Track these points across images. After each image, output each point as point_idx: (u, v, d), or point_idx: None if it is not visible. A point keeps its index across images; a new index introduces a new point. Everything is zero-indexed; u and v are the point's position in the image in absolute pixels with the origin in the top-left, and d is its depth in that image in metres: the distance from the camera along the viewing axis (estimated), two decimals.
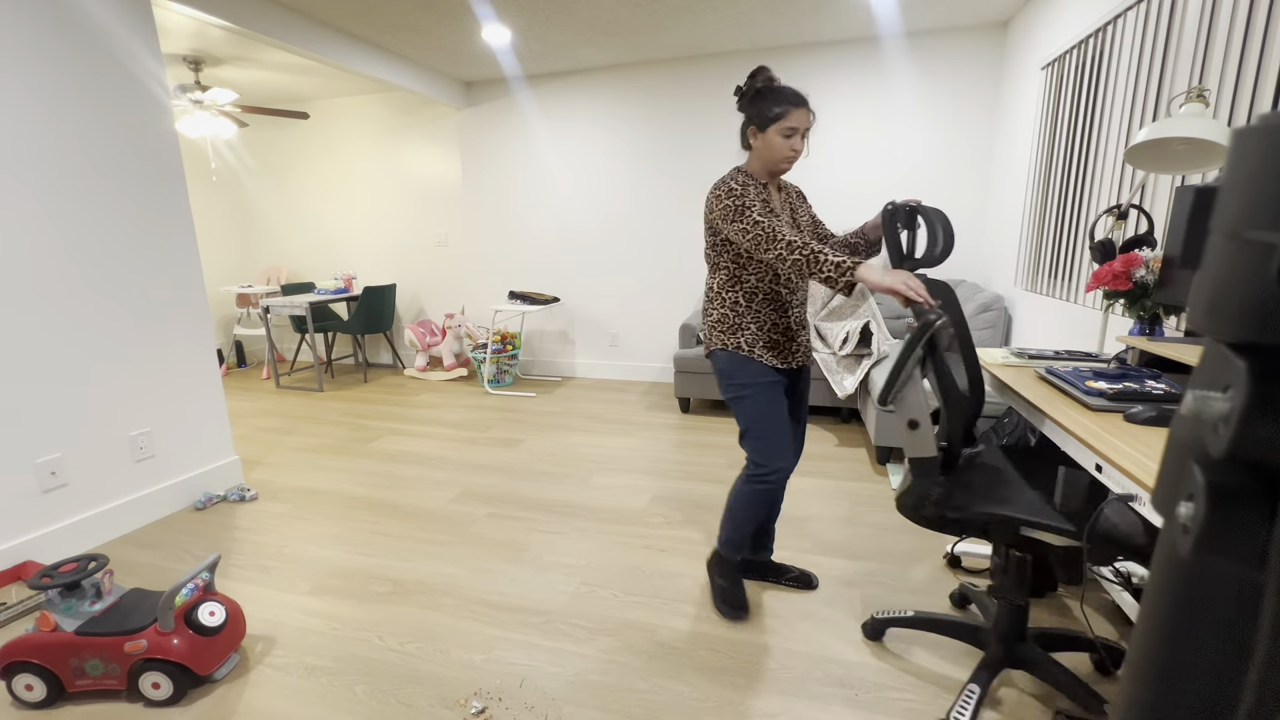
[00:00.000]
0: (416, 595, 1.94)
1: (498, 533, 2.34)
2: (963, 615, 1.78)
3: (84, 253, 2.24)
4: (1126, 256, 1.55)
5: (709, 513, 2.47)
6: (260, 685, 1.56)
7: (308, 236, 5.53)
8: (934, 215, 1.46)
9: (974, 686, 1.39)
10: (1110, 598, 1.83)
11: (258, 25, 2.94)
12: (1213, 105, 1.68)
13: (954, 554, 2.06)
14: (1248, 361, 0.25)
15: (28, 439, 2.10)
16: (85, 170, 2.23)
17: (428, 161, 4.99)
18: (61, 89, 2.14)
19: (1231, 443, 0.25)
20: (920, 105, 3.79)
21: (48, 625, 1.50)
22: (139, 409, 2.45)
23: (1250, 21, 1.56)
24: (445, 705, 1.48)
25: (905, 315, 3.80)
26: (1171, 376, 1.33)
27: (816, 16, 3.41)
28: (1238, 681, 0.26)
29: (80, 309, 2.23)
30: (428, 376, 4.96)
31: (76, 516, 2.25)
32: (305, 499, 2.68)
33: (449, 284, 5.20)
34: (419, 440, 3.43)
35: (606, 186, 4.55)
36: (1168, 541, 0.29)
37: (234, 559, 2.19)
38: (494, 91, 4.65)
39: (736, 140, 4.17)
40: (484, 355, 4.55)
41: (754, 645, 1.67)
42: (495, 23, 3.40)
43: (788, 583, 1.94)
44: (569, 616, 1.82)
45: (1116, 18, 2.28)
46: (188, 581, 1.53)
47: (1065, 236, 2.71)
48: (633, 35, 3.67)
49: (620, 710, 1.46)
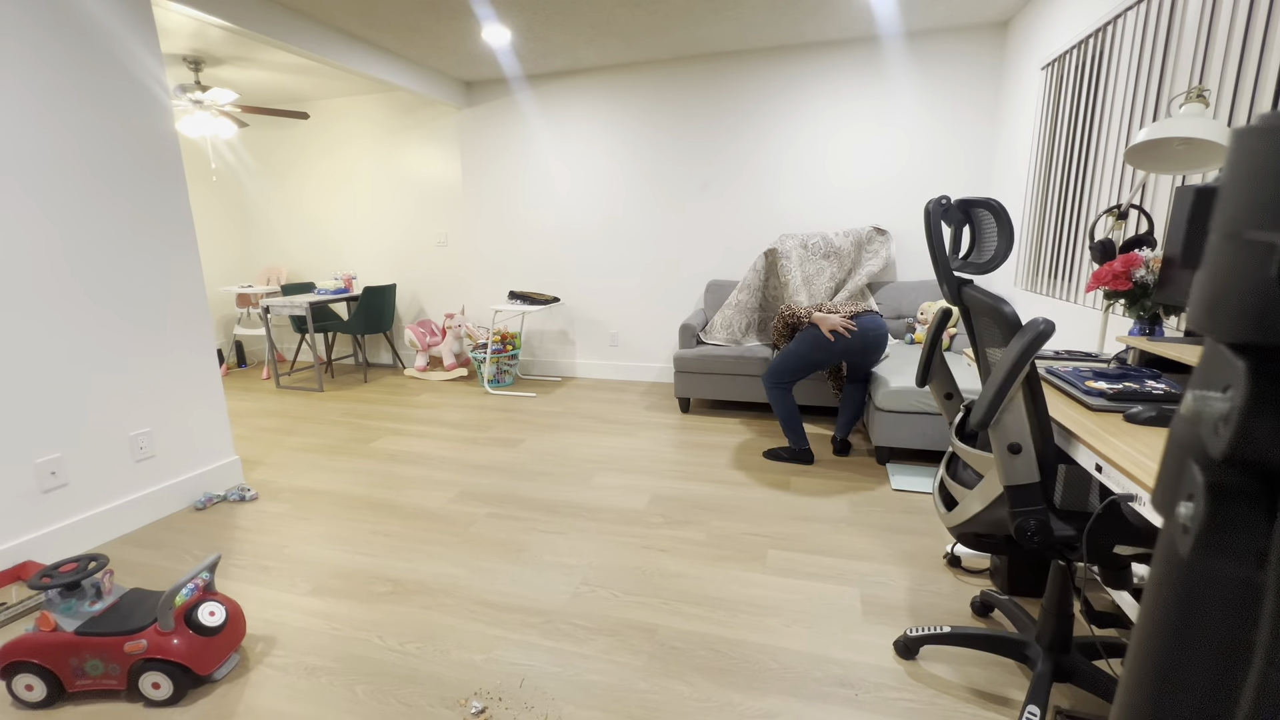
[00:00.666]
0: (416, 595, 1.94)
1: (498, 533, 2.34)
2: (994, 628, 1.72)
3: (84, 253, 2.24)
4: (1126, 256, 1.55)
5: (709, 512, 2.47)
6: (260, 685, 1.56)
7: (308, 236, 5.53)
8: (989, 210, 1.21)
9: (1034, 708, 1.31)
10: (1110, 597, 1.83)
11: (258, 25, 2.94)
12: (1213, 105, 1.68)
13: (954, 554, 2.06)
14: (1247, 361, 0.25)
15: (28, 439, 2.10)
16: (85, 170, 2.23)
17: (428, 161, 4.99)
18: (61, 89, 2.14)
19: (1231, 443, 0.24)
20: (920, 105, 3.79)
21: (48, 625, 1.50)
22: (139, 409, 2.45)
23: (1250, 21, 1.56)
24: (445, 705, 1.48)
25: (906, 315, 3.80)
26: (1171, 376, 1.33)
27: (816, 17, 3.41)
28: (1237, 682, 0.26)
29: (80, 309, 2.23)
30: (428, 376, 4.96)
31: (76, 516, 2.25)
32: (305, 499, 2.68)
33: (449, 284, 5.20)
34: (419, 440, 3.43)
35: (606, 186, 4.55)
36: (1167, 541, 0.29)
37: (234, 559, 2.19)
38: (494, 91, 4.65)
39: (736, 139, 4.17)
40: (484, 355, 4.56)
41: (754, 645, 1.67)
42: (495, 23, 3.40)
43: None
44: (569, 616, 1.82)
45: (1116, 18, 2.28)
46: (188, 581, 1.53)
47: (1065, 236, 2.71)
48: (633, 35, 3.67)
49: (620, 710, 1.46)
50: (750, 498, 2.60)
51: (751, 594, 1.91)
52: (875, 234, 3.91)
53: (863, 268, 3.86)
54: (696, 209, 4.38)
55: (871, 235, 3.91)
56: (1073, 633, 1.43)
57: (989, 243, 1.20)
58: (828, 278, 3.83)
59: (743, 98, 4.11)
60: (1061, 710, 1.40)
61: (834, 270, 3.85)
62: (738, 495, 2.63)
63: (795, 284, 3.65)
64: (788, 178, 4.14)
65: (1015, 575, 1.86)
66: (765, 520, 2.39)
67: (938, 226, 1.30)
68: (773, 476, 2.82)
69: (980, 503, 1.27)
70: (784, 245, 3.73)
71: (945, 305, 1.44)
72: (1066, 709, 1.40)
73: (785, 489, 2.68)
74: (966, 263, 1.27)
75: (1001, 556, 1.77)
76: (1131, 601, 1.73)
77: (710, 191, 4.32)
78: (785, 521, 2.38)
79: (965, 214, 1.28)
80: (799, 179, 4.12)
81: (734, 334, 3.81)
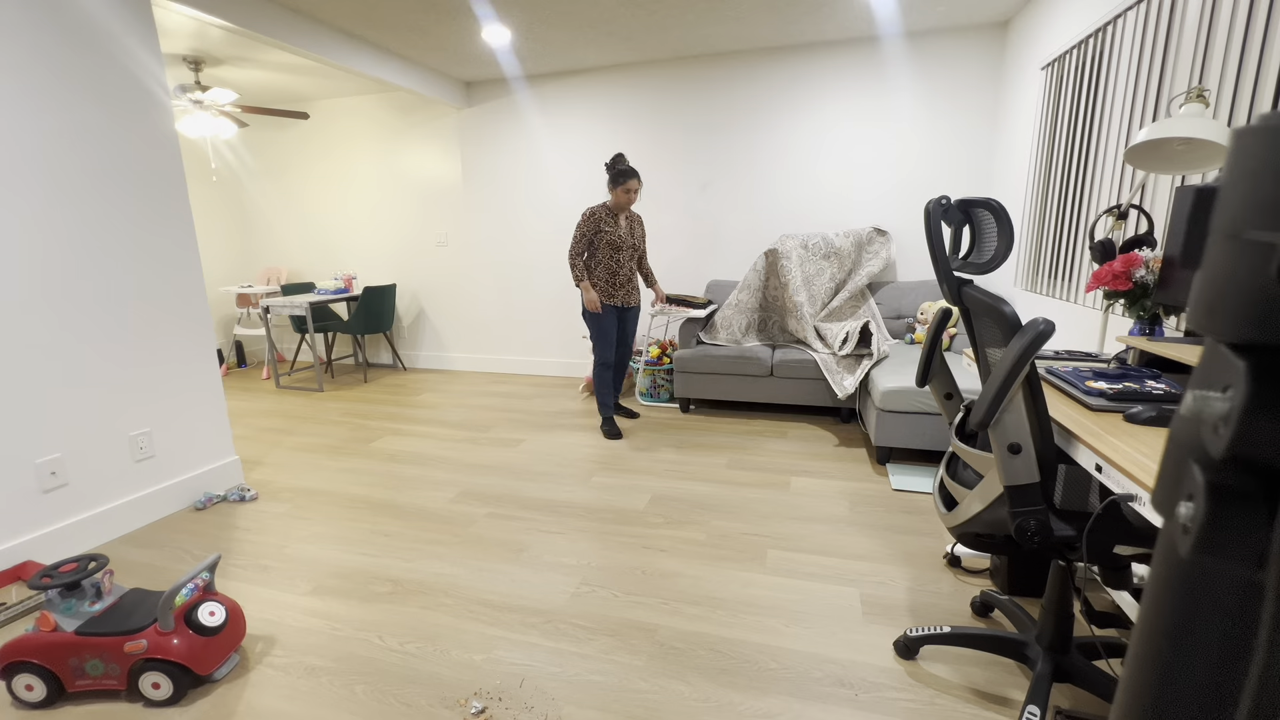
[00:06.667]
0: (416, 595, 1.94)
1: (498, 533, 2.34)
2: (994, 628, 1.72)
3: (84, 253, 2.24)
4: (1126, 256, 1.55)
5: (709, 512, 2.47)
6: (260, 685, 1.56)
7: (308, 236, 5.53)
8: (989, 210, 1.20)
9: (1034, 708, 1.31)
10: (1110, 597, 1.83)
11: (258, 25, 2.94)
12: (1213, 105, 1.68)
13: (954, 554, 2.06)
14: (1247, 361, 0.25)
15: (28, 439, 2.10)
16: (85, 170, 2.23)
17: (427, 161, 4.99)
18: (61, 89, 2.14)
19: (1231, 443, 0.24)
20: (920, 105, 3.79)
21: (48, 625, 1.50)
22: (139, 409, 2.45)
23: (1250, 21, 1.56)
24: (445, 705, 1.48)
25: (906, 315, 3.80)
26: (1171, 376, 1.33)
27: (816, 16, 3.41)
28: (1237, 682, 0.26)
29: (80, 310, 2.23)
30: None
31: (76, 516, 2.25)
32: (305, 499, 2.68)
33: (449, 284, 5.20)
34: (419, 440, 3.43)
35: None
36: (1168, 541, 0.29)
37: (234, 559, 2.19)
38: (494, 91, 4.65)
39: (736, 139, 4.17)
40: (638, 365, 4.20)
41: (754, 645, 1.67)
42: (495, 23, 3.40)
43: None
44: (569, 616, 1.82)
45: (1116, 18, 2.28)
46: (188, 581, 1.53)
47: (1065, 236, 2.71)
48: (633, 35, 3.67)
49: (620, 710, 1.46)
50: (750, 498, 2.60)
51: (751, 594, 1.91)
52: (875, 235, 3.91)
53: (863, 268, 3.86)
54: (696, 209, 4.38)
55: (872, 236, 3.91)
56: (1073, 633, 1.43)
57: (989, 243, 1.20)
58: (828, 278, 3.84)
59: (742, 98, 4.11)
60: (1061, 710, 1.40)
61: (834, 271, 3.85)
62: (738, 495, 2.63)
63: (795, 284, 3.66)
64: (788, 178, 4.14)
65: (1015, 575, 1.86)
66: (765, 520, 2.39)
67: (938, 226, 1.29)
68: (773, 476, 2.82)
69: (980, 503, 1.27)
70: (784, 245, 3.73)
71: (945, 305, 1.44)
72: (1066, 709, 1.40)
73: (785, 489, 2.68)
74: (966, 263, 1.26)
75: (1001, 556, 1.77)
76: (1131, 601, 1.73)
77: (710, 191, 4.32)
78: (785, 521, 2.38)
79: (965, 214, 1.27)
80: (799, 179, 4.12)
81: (734, 334, 3.82)
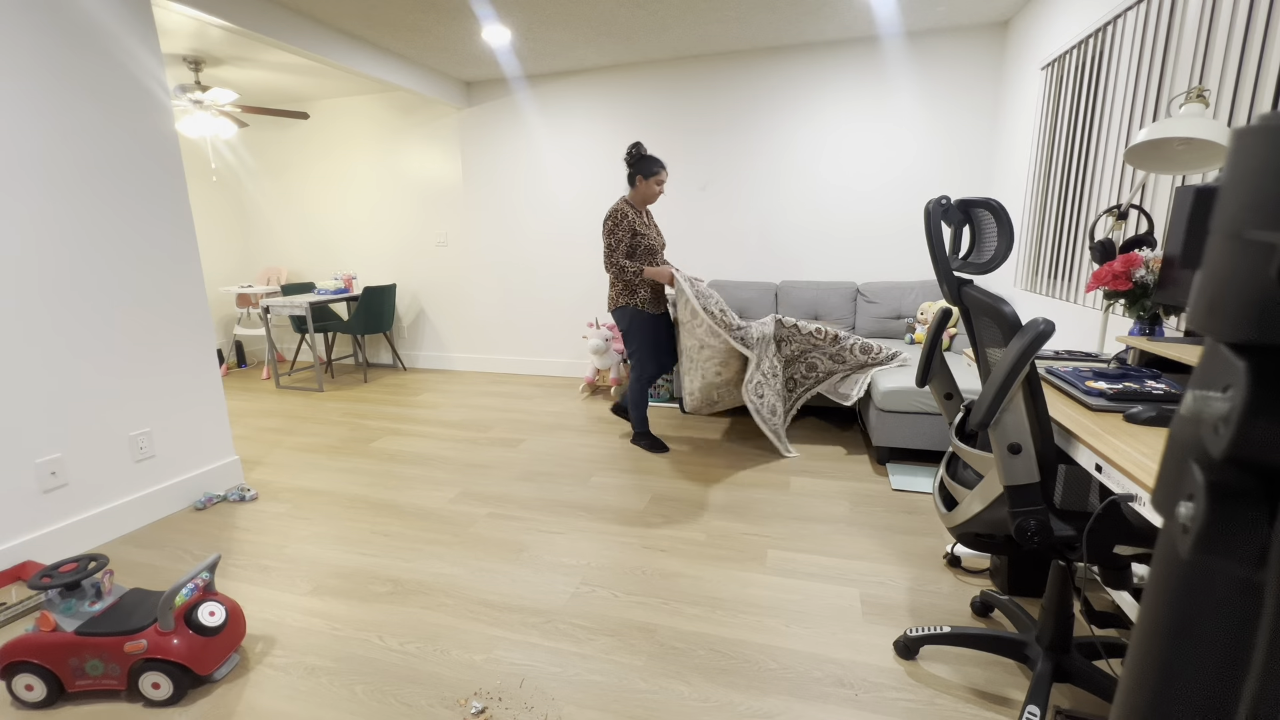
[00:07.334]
0: (416, 595, 1.94)
1: (498, 533, 2.34)
2: (994, 628, 1.72)
3: (84, 253, 2.24)
4: (1126, 256, 1.55)
5: (709, 512, 2.47)
6: (260, 685, 1.56)
7: (308, 236, 5.53)
8: (989, 210, 1.20)
9: (1034, 708, 1.31)
10: (1110, 597, 1.83)
11: (258, 25, 2.94)
12: (1213, 105, 1.68)
13: (954, 554, 2.06)
14: (1247, 361, 0.25)
15: (28, 439, 2.10)
16: (85, 170, 2.23)
17: (428, 161, 4.99)
18: (61, 89, 2.14)
19: (1231, 443, 0.24)
20: (920, 105, 3.79)
21: (48, 625, 1.50)
22: (139, 409, 2.45)
23: (1250, 21, 1.56)
24: (445, 705, 1.48)
25: (906, 315, 3.80)
26: (1171, 376, 1.33)
27: (816, 16, 3.41)
28: (1238, 682, 0.26)
29: (80, 309, 2.23)
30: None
31: (76, 516, 2.25)
32: (305, 499, 2.68)
33: (449, 284, 5.20)
34: (419, 440, 3.43)
35: (607, 186, 4.55)
36: (1167, 541, 0.29)
37: (234, 559, 2.19)
38: (494, 91, 4.65)
39: (736, 139, 4.17)
40: None
41: (754, 645, 1.67)
42: (495, 23, 3.40)
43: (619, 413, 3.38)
44: (569, 616, 1.82)
45: (1116, 18, 2.28)
46: (188, 581, 1.53)
47: (1065, 236, 2.71)
48: (633, 35, 3.67)
49: (620, 710, 1.46)
50: (750, 498, 2.60)
51: (751, 594, 1.91)
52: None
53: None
54: (696, 209, 4.38)
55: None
56: (1073, 633, 1.43)
57: (989, 243, 1.20)
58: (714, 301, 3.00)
59: (743, 98, 4.11)
60: (1061, 710, 1.40)
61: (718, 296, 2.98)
62: (737, 495, 2.63)
63: (695, 306, 2.91)
64: (788, 178, 4.14)
65: (1015, 575, 1.86)
66: (765, 520, 2.39)
67: (938, 226, 1.29)
68: (773, 476, 2.82)
69: (980, 503, 1.27)
70: (675, 285, 2.98)
71: (945, 305, 1.44)
72: (1066, 709, 1.40)
73: (785, 489, 2.68)
74: (966, 263, 1.26)
75: (1001, 556, 1.77)
76: (1131, 601, 1.73)
77: (710, 191, 4.32)
78: (785, 521, 2.37)
79: (965, 214, 1.27)
80: (799, 179, 4.12)
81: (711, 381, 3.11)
